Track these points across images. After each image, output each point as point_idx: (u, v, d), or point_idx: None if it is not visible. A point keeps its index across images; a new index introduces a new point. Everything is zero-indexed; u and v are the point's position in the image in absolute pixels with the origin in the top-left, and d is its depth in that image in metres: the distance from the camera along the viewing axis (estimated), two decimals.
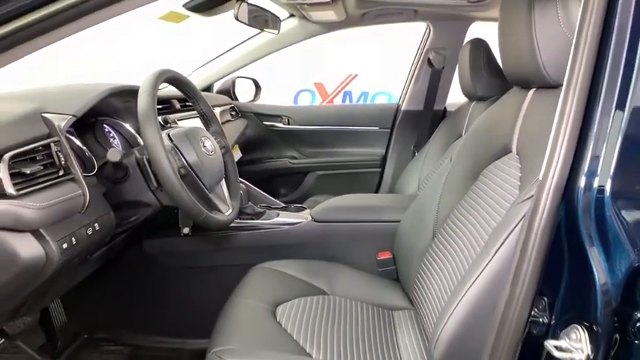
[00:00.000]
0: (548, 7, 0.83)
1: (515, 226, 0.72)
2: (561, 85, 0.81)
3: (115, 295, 1.49)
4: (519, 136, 0.91)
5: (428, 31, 2.08)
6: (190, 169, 1.03)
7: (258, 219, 1.43)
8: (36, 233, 0.76)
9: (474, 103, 1.76)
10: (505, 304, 0.69)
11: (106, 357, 1.44)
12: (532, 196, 0.67)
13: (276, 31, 1.61)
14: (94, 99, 0.98)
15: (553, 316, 0.65)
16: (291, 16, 1.99)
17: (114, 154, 0.95)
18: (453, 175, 1.18)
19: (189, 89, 1.16)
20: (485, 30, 1.84)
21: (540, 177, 0.65)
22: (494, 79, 1.66)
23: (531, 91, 0.94)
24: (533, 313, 0.67)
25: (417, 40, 2.19)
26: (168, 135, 1.04)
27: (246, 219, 1.43)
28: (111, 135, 1.23)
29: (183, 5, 1.35)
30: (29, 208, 0.73)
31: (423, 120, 2.22)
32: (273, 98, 2.55)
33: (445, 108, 2.24)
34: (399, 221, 1.37)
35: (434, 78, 2.14)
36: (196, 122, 1.41)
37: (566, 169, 0.63)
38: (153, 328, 1.50)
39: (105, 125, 1.19)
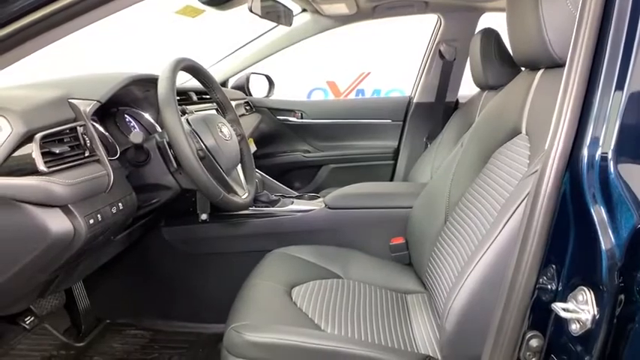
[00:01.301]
0: None
1: (522, 199, 0.74)
2: None
3: (135, 282, 1.54)
4: (528, 117, 0.93)
5: (439, 23, 2.10)
6: (208, 152, 1.07)
7: (273, 206, 1.47)
8: (65, 209, 0.81)
9: (485, 93, 1.77)
10: (513, 272, 0.70)
11: (128, 340, 1.49)
12: (537, 170, 0.69)
13: (289, 24, 1.65)
14: (116, 86, 1.02)
15: (560, 282, 0.66)
16: (304, 11, 2.03)
17: (136, 136, 1.00)
18: (464, 160, 1.19)
19: (206, 78, 1.20)
20: (497, 21, 1.84)
21: (546, 147, 0.67)
22: (505, 68, 1.67)
23: (540, 72, 0.95)
24: (540, 280, 0.69)
25: (428, 36, 2.20)
26: (187, 120, 1.08)
27: (262, 206, 1.46)
28: (132, 124, 1.28)
29: None
30: (59, 184, 0.78)
31: (435, 112, 2.22)
32: (286, 96, 2.60)
33: (457, 100, 2.24)
34: (411, 207, 1.38)
35: (445, 70, 2.14)
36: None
37: (570, 138, 0.64)
38: (172, 313, 1.55)
39: (126, 115, 1.24)
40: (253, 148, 2.12)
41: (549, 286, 0.68)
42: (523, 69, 1.10)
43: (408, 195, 1.48)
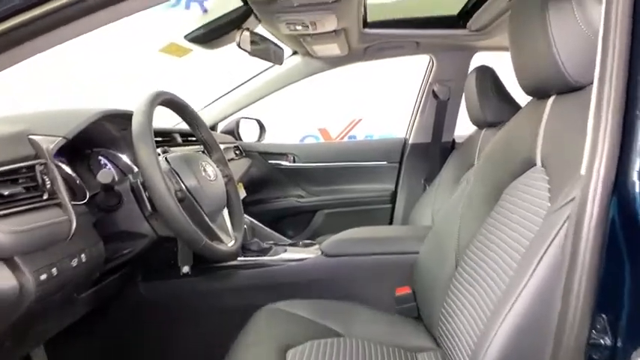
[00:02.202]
0: (563, 5, 0.79)
1: (555, 235, 0.64)
2: (585, 85, 0.77)
3: (107, 347, 1.36)
4: (543, 147, 0.85)
5: (431, 63, 2.08)
6: (189, 193, 0.95)
7: (264, 256, 1.33)
8: (9, 262, 0.68)
9: (484, 131, 1.72)
10: (557, 326, 0.58)
11: None
12: (573, 198, 0.61)
13: (279, 63, 1.59)
14: (86, 121, 0.92)
15: (618, 338, 0.54)
16: (294, 53, 2.00)
17: (105, 176, 0.88)
18: (472, 199, 1.10)
19: (188, 114, 1.11)
20: (489, 60, 1.82)
21: (583, 172, 0.59)
22: (503, 104, 1.64)
23: (551, 99, 0.89)
24: (592, 334, 0.56)
25: (419, 78, 2.18)
26: (166, 159, 0.97)
27: (252, 256, 1.33)
28: (107, 167, 1.17)
29: (185, 37, 1.34)
30: (2, 231, 0.65)
31: (432, 152, 2.16)
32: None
33: (454, 139, 2.19)
34: (416, 252, 1.26)
35: (440, 109, 2.11)
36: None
37: (612, 161, 0.57)
38: None
39: (100, 157, 1.14)
40: (243, 193, 2.01)
41: (603, 342, 0.55)
42: (531, 98, 1.03)
43: (413, 239, 1.36)
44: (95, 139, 1.10)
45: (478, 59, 1.99)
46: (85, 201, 0.93)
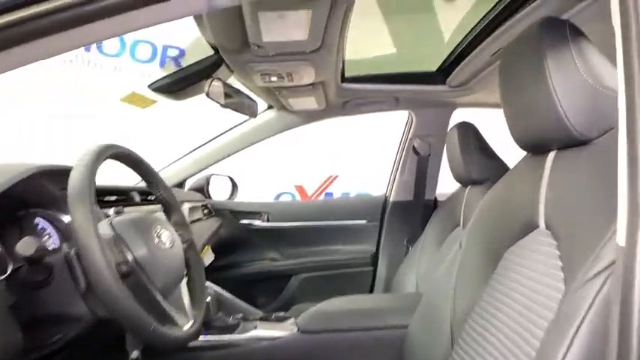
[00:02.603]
0: (563, 55, 0.74)
1: (586, 313, 0.55)
2: (591, 139, 0.72)
3: None
4: (547, 208, 0.77)
5: (410, 118, 2.03)
6: (136, 265, 0.78)
7: (231, 333, 1.14)
8: None
9: (468, 189, 1.65)
10: None
11: None
12: (602, 270, 0.55)
13: (253, 115, 1.49)
14: (14, 178, 0.76)
15: None
16: (270, 107, 1.92)
17: (26, 246, 0.71)
18: (466, 265, 1.00)
19: (143, 169, 0.96)
20: (469, 116, 1.78)
21: (621, 242, 0.51)
22: (488, 161, 1.58)
23: (551, 155, 0.82)
24: None
25: (396, 134, 2.13)
26: (111, 223, 0.81)
27: (216, 334, 1.14)
28: (46, 232, 0.99)
29: (149, 86, 1.22)
30: None
31: (414, 211, 2.06)
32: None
33: (436, 197, 2.10)
34: (405, 326, 1.11)
35: (421, 166, 2.04)
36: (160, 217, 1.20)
37: None
38: None
39: (38, 218, 0.96)
40: (211, 257, 1.82)
41: None
42: (525, 154, 0.96)
43: (400, 311, 1.21)
44: (31, 199, 0.93)
45: (457, 115, 1.96)
46: (5, 276, 0.75)
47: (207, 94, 1.16)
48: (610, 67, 0.74)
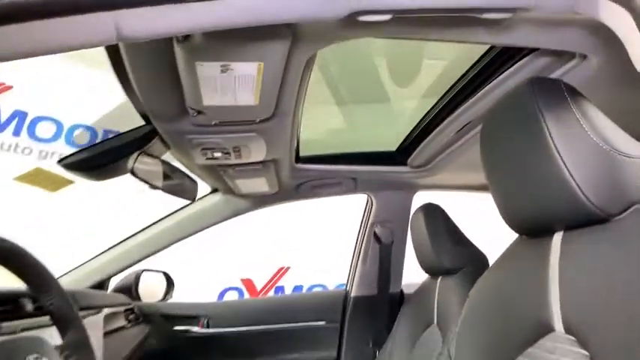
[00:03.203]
0: (565, 116, 0.63)
1: None
2: (613, 215, 0.60)
3: None
4: (563, 308, 0.63)
5: (370, 202, 1.88)
6: None
7: None
8: None
9: (440, 280, 1.47)
10: None
11: None
12: None
13: (190, 198, 1.25)
14: None
15: None
16: (215, 191, 1.70)
17: None
18: None
19: (28, 268, 0.68)
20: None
21: None
22: (461, 247, 1.44)
23: (557, 237, 0.68)
24: None
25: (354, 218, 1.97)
26: None
27: None
28: None
29: (59, 162, 0.97)
30: None
31: (379, 307, 1.83)
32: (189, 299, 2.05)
33: (402, 290, 1.89)
34: None
35: (384, 255, 1.84)
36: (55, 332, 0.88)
37: None
38: None
39: None
40: None
41: None
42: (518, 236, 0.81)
43: None
44: None
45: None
46: None
47: (132, 172, 0.93)
48: (618, 129, 0.63)
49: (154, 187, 1.03)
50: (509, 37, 0.72)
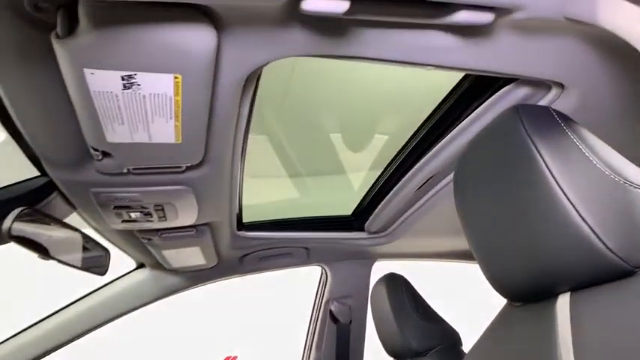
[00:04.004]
0: (562, 143, 0.51)
1: None
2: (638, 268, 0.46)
3: None
4: None
5: (324, 275, 1.67)
6: None
7: None
8: None
9: None
10: None
11: None
12: None
13: (101, 273, 0.99)
14: None
15: None
16: (141, 266, 1.44)
17: None
18: None
19: None
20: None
21: None
22: (430, 324, 1.26)
23: (562, 300, 0.53)
24: None
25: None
26: None
27: None
28: None
29: None
30: None
31: None
32: None
33: None
34: None
35: (341, 336, 1.61)
36: None
37: None
38: None
39: None
40: None
41: None
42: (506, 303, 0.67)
43: None
44: None
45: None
46: None
47: (9, 234, 0.69)
48: (622, 157, 0.51)
49: (43, 256, 0.79)
50: (481, 61, 0.62)
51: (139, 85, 0.51)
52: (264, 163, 1.32)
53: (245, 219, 1.33)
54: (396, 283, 1.33)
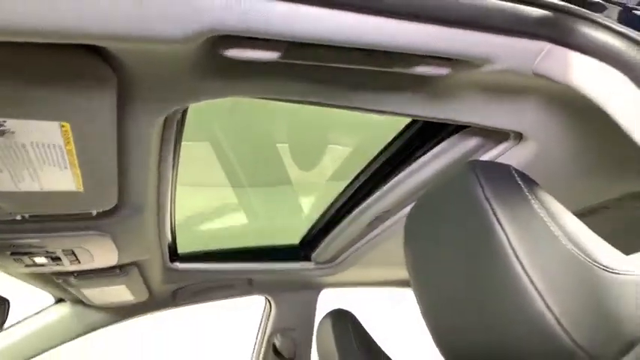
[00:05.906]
0: (527, 214, 0.45)
1: None
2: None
3: None
4: None
5: (268, 306, 1.57)
6: None
7: None
8: None
9: None
10: None
11: None
12: None
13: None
14: None
15: None
16: (60, 301, 1.27)
17: None
18: None
19: None
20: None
21: None
22: None
23: None
24: None
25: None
26: None
27: None
28: None
29: None
30: None
31: None
32: None
33: None
34: None
35: None
36: None
37: None
38: None
39: None
40: None
41: None
42: None
43: None
44: None
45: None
46: None
47: None
48: (591, 233, 0.46)
49: None
50: (438, 111, 0.56)
51: (12, 132, 0.40)
52: (206, 185, 1.21)
53: (182, 248, 1.21)
54: (343, 320, 1.25)
